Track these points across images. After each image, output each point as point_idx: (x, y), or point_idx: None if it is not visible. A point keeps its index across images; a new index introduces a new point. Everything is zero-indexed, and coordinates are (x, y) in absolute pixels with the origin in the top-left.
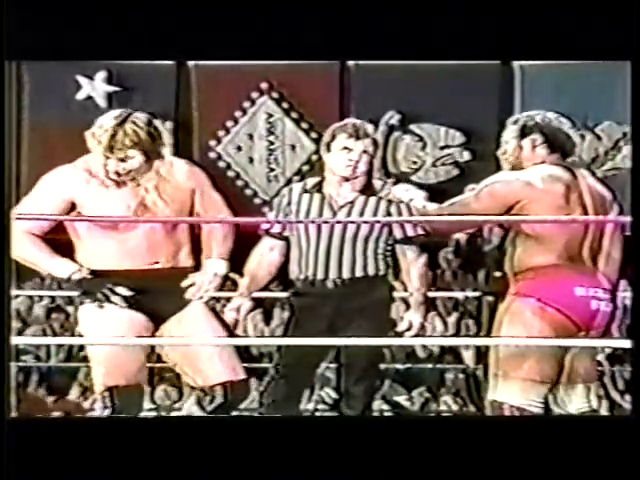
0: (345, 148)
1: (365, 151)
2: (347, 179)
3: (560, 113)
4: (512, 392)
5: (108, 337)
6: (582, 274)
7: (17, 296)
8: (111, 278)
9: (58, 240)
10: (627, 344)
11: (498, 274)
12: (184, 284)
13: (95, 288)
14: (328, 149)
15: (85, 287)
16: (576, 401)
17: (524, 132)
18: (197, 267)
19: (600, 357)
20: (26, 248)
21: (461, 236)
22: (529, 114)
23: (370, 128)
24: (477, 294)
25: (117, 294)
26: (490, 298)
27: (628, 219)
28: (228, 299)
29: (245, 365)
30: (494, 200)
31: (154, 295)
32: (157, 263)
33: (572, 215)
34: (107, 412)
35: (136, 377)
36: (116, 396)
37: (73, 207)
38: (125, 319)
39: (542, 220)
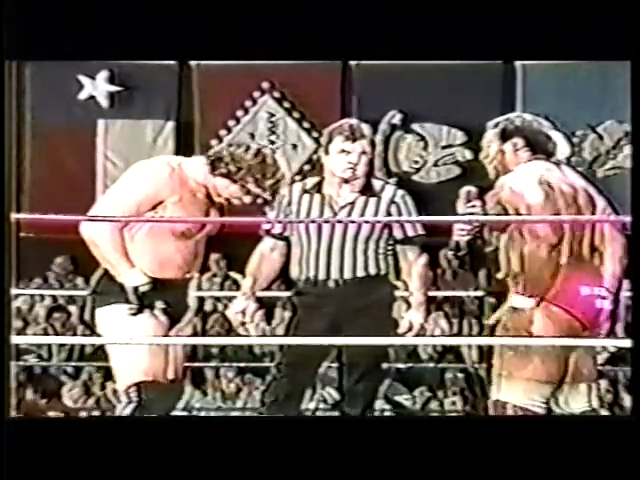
0: (343, 151)
1: (363, 152)
2: (347, 181)
3: (548, 112)
4: (516, 392)
5: (110, 337)
6: (586, 273)
7: (19, 295)
8: (157, 287)
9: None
10: (627, 344)
11: (500, 275)
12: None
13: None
14: (326, 152)
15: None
16: (578, 401)
17: (504, 136)
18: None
19: (602, 356)
20: (111, 248)
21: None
22: (508, 117)
23: (366, 128)
24: (479, 294)
25: (158, 306)
26: (492, 299)
27: (628, 219)
28: (230, 298)
29: (248, 365)
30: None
31: (179, 303)
32: (189, 273)
33: (573, 211)
34: (131, 408)
35: (165, 374)
36: (143, 392)
37: (154, 207)
38: (150, 321)
39: (542, 220)
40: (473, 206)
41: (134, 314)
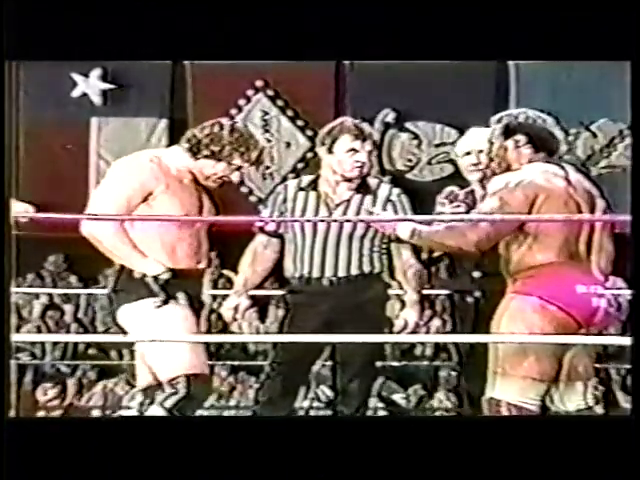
0: (352, 150)
1: (370, 151)
2: (350, 179)
3: (542, 111)
4: (511, 390)
5: (104, 336)
6: (582, 271)
7: (15, 293)
8: (177, 277)
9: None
10: (627, 342)
11: (477, 274)
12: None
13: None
14: (330, 150)
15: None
16: (574, 399)
17: (507, 132)
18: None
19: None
20: (118, 242)
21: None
22: (511, 113)
23: (369, 127)
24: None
25: (180, 297)
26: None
27: (628, 218)
28: (224, 296)
29: (241, 363)
30: (517, 206)
31: (198, 295)
32: (200, 263)
33: (571, 211)
34: (174, 399)
35: (205, 368)
36: (192, 385)
37: (144, 199)
38: (181, 312)
39: (539, 219)
40: (457, 206)
41: (160, 306)
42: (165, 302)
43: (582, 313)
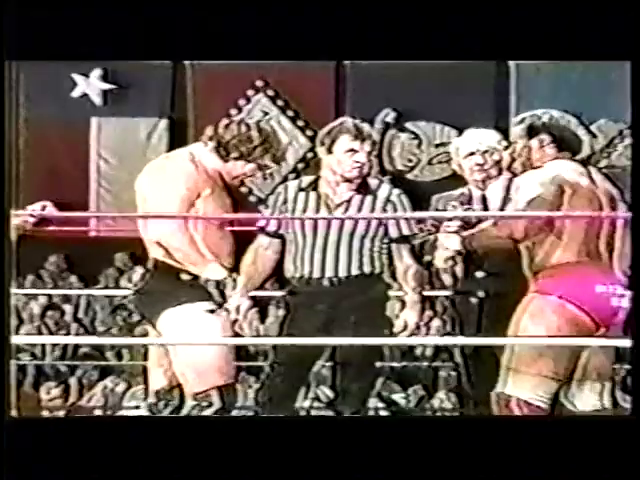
0: (351, 150)
1: (370, 152)
2: (349, 180)
3: (566, 111)
4: (522, 386)
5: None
6: (602, 271)
7: (15, 294)
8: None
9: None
10: (627, 343)
11: (480, 274)
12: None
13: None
14: (329, 151)
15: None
16: (588, 398)
17: (531, 132)
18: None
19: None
20: (186, 246)
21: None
22: (535, 113)
23: (368, 128)
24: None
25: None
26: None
27: (629, 214)
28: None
29: (241, 363)
30: (554, 199)
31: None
32: (232, 263)
33: (594, 210)
34: (210, 411)
35: (231, 376)
36: (225, 395)
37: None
38: (220, 319)
39: (542, 215)
40: (469, 208)
41: (213, 311)
42: (220, 306)
43: (601, 313)
